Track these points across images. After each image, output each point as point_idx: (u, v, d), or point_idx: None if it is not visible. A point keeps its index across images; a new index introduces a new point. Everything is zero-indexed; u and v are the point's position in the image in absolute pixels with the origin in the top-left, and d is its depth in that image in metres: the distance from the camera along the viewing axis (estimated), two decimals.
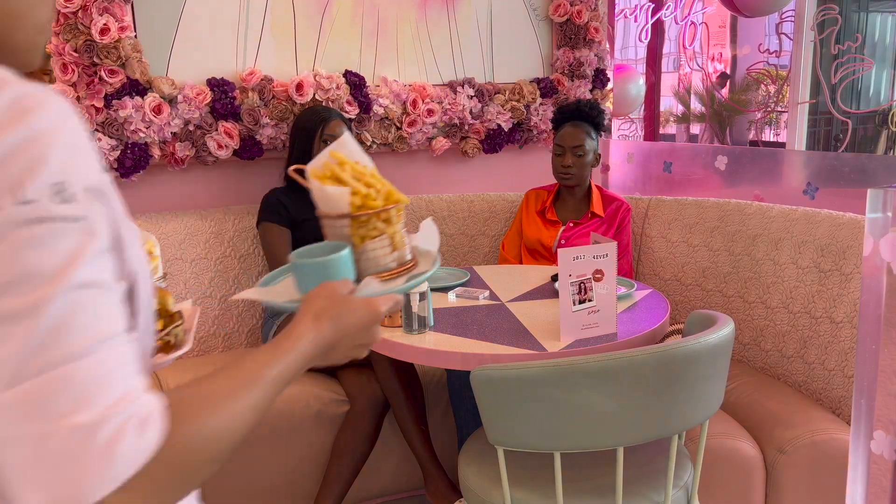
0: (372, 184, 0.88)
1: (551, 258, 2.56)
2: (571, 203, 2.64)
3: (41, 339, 0.49)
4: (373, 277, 0.86)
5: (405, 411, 2.17)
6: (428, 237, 1.00)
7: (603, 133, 2.66)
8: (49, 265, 0.50)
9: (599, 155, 2.62)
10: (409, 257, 0.92)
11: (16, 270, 0.49)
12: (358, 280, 0.85)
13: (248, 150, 2.59)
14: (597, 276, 1.66)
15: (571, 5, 3.11)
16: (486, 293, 2.04)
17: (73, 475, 0.49)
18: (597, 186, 2.66)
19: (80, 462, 0.49)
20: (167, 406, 0.55)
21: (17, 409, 0.49)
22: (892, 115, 4.87)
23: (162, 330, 0.97)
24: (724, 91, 5.25)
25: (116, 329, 0.53)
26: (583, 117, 2.57)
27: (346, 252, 0.84)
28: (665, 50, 4.55)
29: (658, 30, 4.11)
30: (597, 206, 2.59)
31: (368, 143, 2.79)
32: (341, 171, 0.88)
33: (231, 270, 2.52)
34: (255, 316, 2.58)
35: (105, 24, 2.24)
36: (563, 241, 2.56)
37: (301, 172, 0.91)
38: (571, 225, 2.59)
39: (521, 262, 2.69)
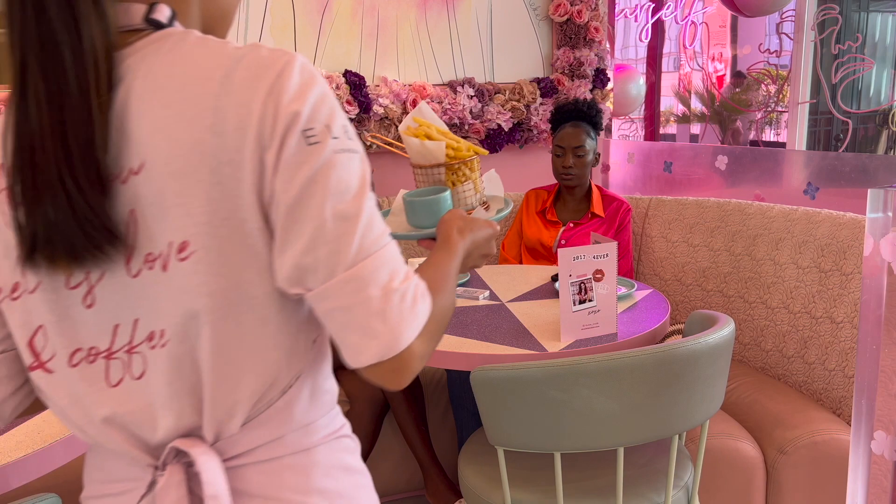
0: (457, 139, 1.16)
1: (551, 258, 2.56)
2: (572, 203, 2.64)
3: (364, 231, 0.68)
4: (480, 208, 1.17)
5: (405, 411, 2.17)
6: (494, 185, 1.28)
7: (601, 132, 2.66)
8: (355, 181, 0.69)
9: (599, 154, 2.62)
10: (485, 199, 1.22)
11: (340, 186, 0.67)
12: None
13: None
14: (597, 276, 1.66)
15: (572, 5, 3.11)
16: (486, 293, 2.04)
17: (396, 326, 0.69)
18: (597, 186, 2.66)
19: (399, 316, 0.69)
20: None
21: (357, 281, 0.68)
22: (893, 115, 4.87)
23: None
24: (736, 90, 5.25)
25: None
26: (581, 117, 2.57)
27: (448, 192, 1.13)
28: (665, 50, 4.55)
29: (658, 29, 4.11)
30: (597, 206, 2.59)
31: (368, 144, 2.79)
32: (430, 130, 1.14)
33: None
34: None
35: None
36: (563, 242, 2.56)
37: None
38: (572, 225, 2.59)
39: (521, 262, 2.69)
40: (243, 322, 0.69)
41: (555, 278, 2.10)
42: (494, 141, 3.07)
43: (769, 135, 6.12)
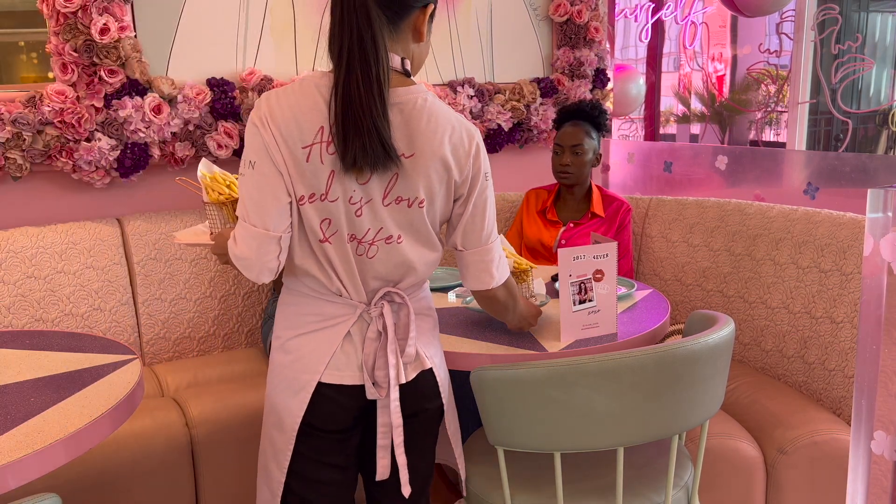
0: (519, 260, 1.77)
1: (552, 258, 2.56)
2: (572, 203, 2.64)
3: (494, 220, 1.41)
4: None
5: None
6: (538, 286, 1.91)
7: (605, 133, 2.66)
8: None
9: (600, 155, 2.61)
10: (533, 295, 1.83)
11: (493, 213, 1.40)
12: None
13: None
14: (597, 276, 1.66)
15: (572, 5, 3.11)
16: None
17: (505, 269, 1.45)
18: (597, 186, 2.66)
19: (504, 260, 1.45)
20: None
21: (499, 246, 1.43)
22: (893, 115, 4.87)
23: None
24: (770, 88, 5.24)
25: None
26: (583, 117, 2.57)
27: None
28: (665, 50, 4.55)
29: (658, 29, 4.11)
30: (597, 206, 2.59)
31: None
32: (503, 250, 1.60)
33: (231, 270, 2.52)
34: (256, 316, 2.58)
35: (105, 24, 2.24)
36: (563, 242, 2.55)
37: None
38: (572, 225, 2.59)
39: None
40: (425, 242, 1.36)
41: (555, 278, 2.10)
42: (494, 141, 3.07)
43: (769, 135, 6.12)
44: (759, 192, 2.93)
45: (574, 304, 1.64)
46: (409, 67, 1.30)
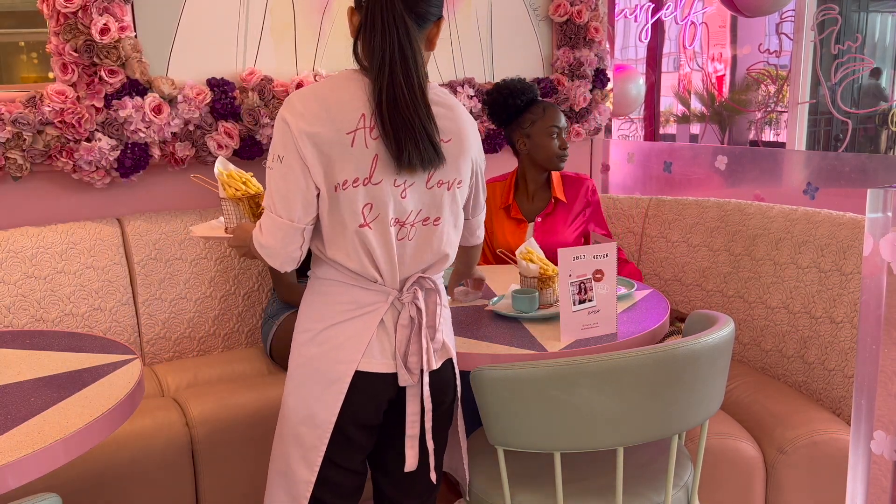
0: (546, 265, 1.89)
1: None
2: (534, 191, 2.46)
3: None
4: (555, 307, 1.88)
5: None
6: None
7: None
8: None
9: None
10: (553, 300, 1.90)
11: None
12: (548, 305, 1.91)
13: (248, 149, 2.59)
14: (597, 276, 1.66)
15: (571, 5, 3.11)
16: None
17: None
18: None
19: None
20: None
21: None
22: (893, 115, 4.87)
23: None
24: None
25: None
26: (536, 93, 2.40)
27: (537, 293, 1.87)
28: (665, 50, 4.55)
29: (658, 30, 4.11)
30: (558, 189, 2.44)
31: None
32: (532, 255, 1.90)
33: (231, 270, 2.52)
34: (256, 316, 2.58)
35: (105, 24, 2.24)
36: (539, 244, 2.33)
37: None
38: (540, 220, 2.43)
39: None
40: (456, 223, 1.45)
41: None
42: (494, 141, 3.07)
43: (769, 135, 6.12)
44: (759, 192, 2.93)
45: (574, 304, 1.65)
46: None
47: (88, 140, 2.32)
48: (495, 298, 1.95)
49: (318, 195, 1.33)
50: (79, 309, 2.27)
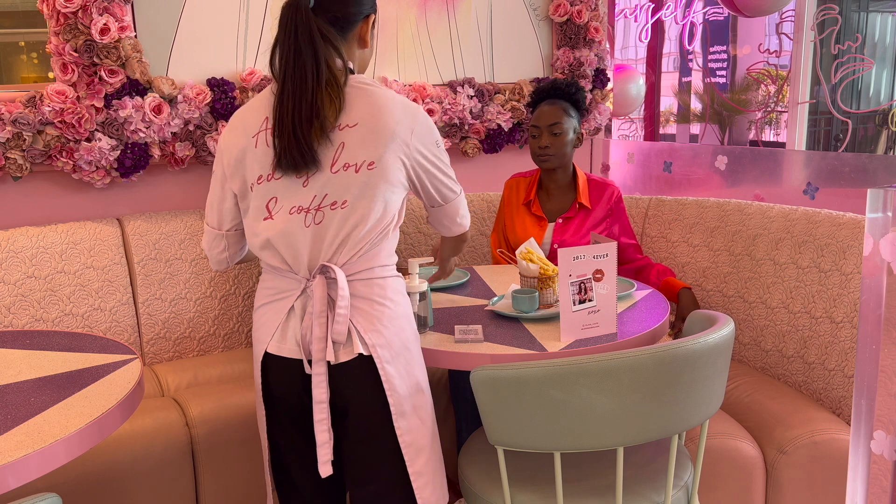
0: (546, 265, 1.90)
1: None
2: (556, 192, 2.44)
3: (462, 197, 1.62)
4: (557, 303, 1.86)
5: None
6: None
7: (585, 112, 2.46)
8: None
9: (582, 135, 2.43)
10: (553, 300, 1.91)
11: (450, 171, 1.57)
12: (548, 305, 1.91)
13: None
14: (597, 276, 1.66)
15: (571, 5, 3.11)
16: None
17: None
18: (582, 171, 2.48)
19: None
20: None
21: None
22: (892, 115, 4.87)
23: None
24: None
25: None
26: (559, 95, 2.38)
27: (537, 293, 1.86)
28: (665, 50, 4.55)
29: (658, 30, 4.11)
30: (584, 195, 2.40)
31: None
32: (532, 255, 1.90)
33: (231, 270, 2.52)
34: None
35: (105, 24, 2.24)
36: (555, 246, 2.39)
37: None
38: (561, 222, 2.42)
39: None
40: (369, 207, 1.42)
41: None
42: (494, 141, 3.07)
43: (769, 135, 6.12)
44: (759, 192, 2.93)
45: (574, 304, 1.65)
46: (352, 68, 1.49)
47: (88, 140, 2.32)
48: (495, 298, 1.95)
49: (236, 202, 1.50)
50: (79, 309, 2.27)
